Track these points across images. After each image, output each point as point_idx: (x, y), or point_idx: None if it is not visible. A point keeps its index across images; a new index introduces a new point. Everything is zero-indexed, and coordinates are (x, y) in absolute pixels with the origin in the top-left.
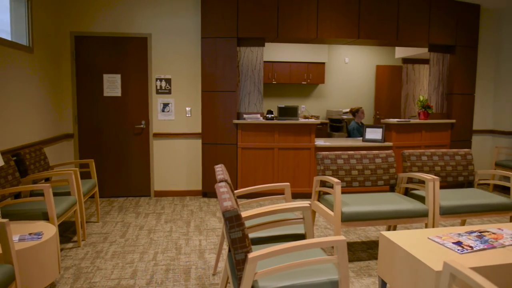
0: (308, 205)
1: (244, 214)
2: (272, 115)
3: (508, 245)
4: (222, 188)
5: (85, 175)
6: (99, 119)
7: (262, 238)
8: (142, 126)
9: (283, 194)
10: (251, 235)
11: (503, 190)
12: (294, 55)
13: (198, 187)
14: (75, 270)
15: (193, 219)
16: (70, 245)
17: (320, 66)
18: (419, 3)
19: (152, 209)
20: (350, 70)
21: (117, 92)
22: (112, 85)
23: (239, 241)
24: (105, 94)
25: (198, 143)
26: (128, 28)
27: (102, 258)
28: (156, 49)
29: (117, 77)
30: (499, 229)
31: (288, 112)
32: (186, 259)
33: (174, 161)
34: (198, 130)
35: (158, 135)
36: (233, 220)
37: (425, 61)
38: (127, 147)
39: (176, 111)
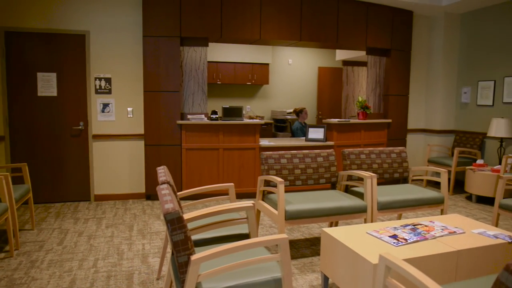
0: (252, 204)
1: (186, 216)
2: (217, 116)
3: (439, 236)
4: (164, 190)
5: (18, 180)
6: (33, 120)
7: (206, 239)
8: (80, 127)
9: (228, 194)
10: (196, 236)
11: (435, 185)
12: (239, 55)
13: (141, 189)
14: (7, 282)
15: (136, 223)
16: (2, 255)
17: (264, 67)
18: (357, 8)
19: (92, 214)
20: (293, 71)
21: (53, 92)
22: (47, 84)
23: (181, 243)
24: (39, 94)
25: (140, 144)
26: (64, 25)
27: (37, 268)
28: (95, 47)
29: (53, 76)
30: (431, 221)
31: (233, 112)
32: (128, 264)
33: (116, 163)
34: (141, 131)
35: (98, 137)
36: (174, 223)
37: (363, 64)
38: (64, 149)
39: (117, 111)
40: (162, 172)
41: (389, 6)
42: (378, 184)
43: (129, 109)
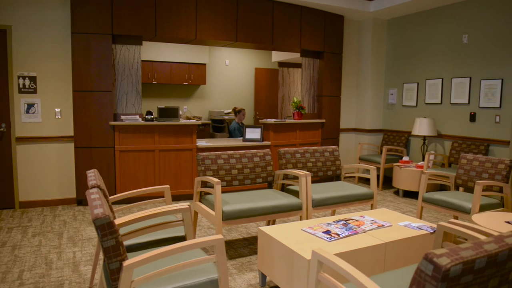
0: (187, 206)
1: (119, 220)
2: (152, 116)
3: (368, 230)
4: (93, 195)
5: None
6: None
7: (141, 244)
8: (1, 129)
9: (164, 197)
10: (130, 241)
11: (366, 181)
12: (175, 55)
13: (72, 194)
14: None
15: (66, 230)
16: None
17: (201, 67)
18: (291, 11)
19: (17, 222)
20: (230, 72)
21: None
22: None
23: (112, 249)
24: None
25: (70, 147)
26: None
27: None
28: (18, 43)
29: None
30: (361, 216)
31: (169, 113)
32: (58, 274)
33: (43, 167)
34: (70, 133)
35: (22, 139)
36: (105, 228)
37: (298, 65)
38: None
39: (43, 112)
40: (92, 176)
41: (321, 10)
42: (313, 182)
43: (57, 109)
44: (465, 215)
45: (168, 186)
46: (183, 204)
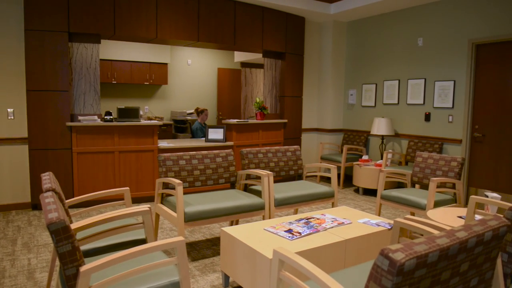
0: (147, 209)
1: (75, 225)
2: (111, 117)
3: (329, 228)
4: (48, 199)
5: None
6: None
7: (100, 248)
8: None
9: (124, 199)
10: (88, 246)
11: (328, 180)
12: (136, 54)
13: (27, 199)
14: None
15: (20, 236)
16: None
17: (163, 67)
18: (253, 12)
19: None
20: (193, 72)
21: None
22: None
23: (68, 255)
24: None
25: (24, 149)
26: None
27: None
28: None
29: None
30: (322, 214)
31: (129, 113)
32: (11, 282)
33: None
34: (24, 134)
35: None
36: (60, 233)
37: (260, 66)
38: None
39: None
40: (47, 179)
41: (283, 11)
42: (275, 181)
43: (9, 110)
44: (421, 211)
45: (128, 188)
46: (143, 207)
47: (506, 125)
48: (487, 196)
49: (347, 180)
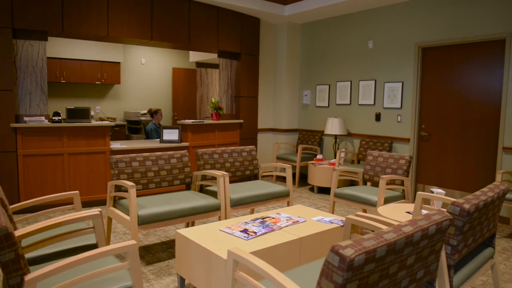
0: (98, 212)
1: (19, 232)
2: (60, 118)
3: (284, 227)
4: None
5: None
6: None
7: (49, 254)
8: None
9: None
10: (35, 253)
11: (284, 179)
12: (86, 52)
13: None
14: None
15: None
16: None
17: (115, 66)
18: (208, 12)
19: None
20: (147, 71)
21: None
22: None
23: (11, 263)
24: None
25: None
26: None
27: None
28: None
29: None
30: (278, 213)
31: (79, 114)
32: None
33: None
34: None
35: None
36: (2, 241)
37: (216, 66)
38: None
39: None
40: None
41: (238, 12)
42: (231, 182)
43: None
44: (372, 208)
45: (77, 191)
46: (93, 210)
47: (450, 125)
48: (432, 192)
49: (303, 179)
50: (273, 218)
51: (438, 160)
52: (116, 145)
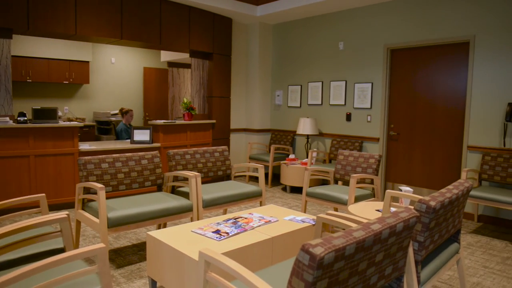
0: (65, 216)
1: None
2: (25, 118)
3: (257, 227)
4: None
5: None
6: None
7: (14, 260)
8: None
9: (39, 206)
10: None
11: (257, 179)
12: (53, 51)
13: None
14: None
15: None
16: None
17: (84, 65)
18: (179, 11)
19: None
20: (117, 71)
21: None
22: None
23: None
24: None
25: None
26: None
27: None
28: None
29: None
30: (250, 214)
31: (45, 114)
32: None
33: None
34: None
35: None
36: None
37: (188, 66)
38: None
39: None
40: None
41: (210, 12)
42: (203, 182)
43: None
44: (343, 206)
45: (43, 194)
46: (60, 214)
47: (418, 124)
48: (401, 190)
49: (275, 179)
50: (245, 218)
51: (406, 159)
52: (85, 146)
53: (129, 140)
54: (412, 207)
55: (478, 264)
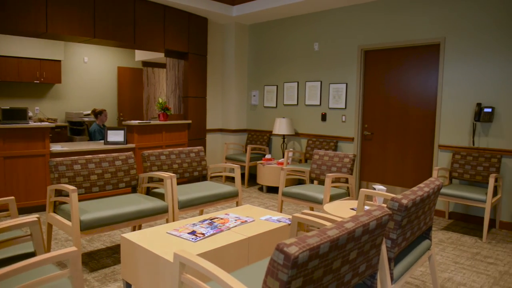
0: (35, 219)
1: None
2: None
3: (233, 227)
4: None
5: None
6: None
7: None
8: None
9: (8, 210)
10: None
11: (233, 179)
12: (24, 50)
13: None
14: None
15: None
16: None
17: (55, 64)
18: (154, 10)
19: None
20: (90, 70)
21: None
22: None
23: None
24: None
25: None
26: None
27: None
28: None
29: None
30: (226, 214)
31: (15, 114)
32: None
33: None
34: None
35: None
36: None
37: (163, 65)
38: None
39: None
40: None
41: (185, 11)
42: (179, 183)
43: None
44: (318, 205)
45: (13, 198)
46: (30, 217)
47: (391, 124)
48: (374, 189)
49: (252, 179)
50: (221, 218)
51: (380, 158)
52: (56, 147)
53: (102, 141)
54: (385, 205)
55: (449, 260)
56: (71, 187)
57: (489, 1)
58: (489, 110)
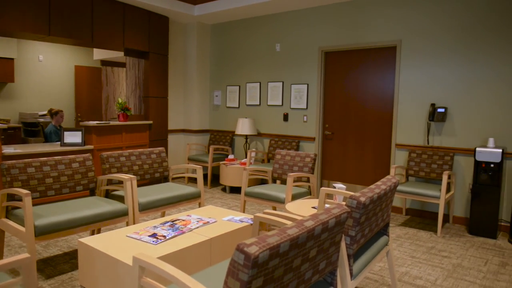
0: None
1: None
2: None
3: (195, 228)
4: None
5: None
6: None
7: None
8: None
9: None
10: None
11: (196, 180)
12: None
13: None
14: None
15: None
16: None
17: (8, 62)
18: (113, 8)
19: None
20: (46, 69)
21: None
22: None
23: None
24: None
25: None
26: None
27: None
28: None
29: None
30: (188, 215)
31: None
32: None
33: None
34: None
35: None
36: None
37: (123, 65)
38: None
39: None
40: None
41: (145, 10)
42: (140, 185)
43: None
44: (280, 205)
45: None
46: None
47: (350, 124)
48: (335, 187)
49: (215, 179)
50: (183, 220)
51: (340, 157)
52: (9, 149)
53: (59, 143)
54: (344, 203)
55: (406, 254)
56: (25, 191)
57: (442, 6)
58: (442, 110)
